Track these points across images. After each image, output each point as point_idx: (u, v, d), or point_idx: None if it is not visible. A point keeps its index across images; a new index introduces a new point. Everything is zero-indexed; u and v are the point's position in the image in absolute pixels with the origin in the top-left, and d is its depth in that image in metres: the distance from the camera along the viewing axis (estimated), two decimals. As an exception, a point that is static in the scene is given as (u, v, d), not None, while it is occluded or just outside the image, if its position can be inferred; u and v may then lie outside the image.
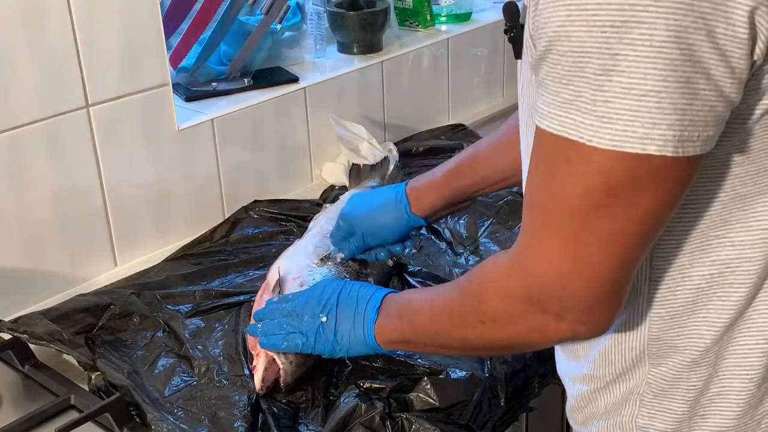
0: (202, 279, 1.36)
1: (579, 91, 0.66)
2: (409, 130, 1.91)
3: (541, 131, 0.70)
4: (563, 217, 0.72)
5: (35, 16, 1.24)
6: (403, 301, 1.00)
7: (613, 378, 0.88)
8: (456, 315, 0.89)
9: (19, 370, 1.15)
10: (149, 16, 1.37)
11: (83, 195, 1.37)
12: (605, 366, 0.88)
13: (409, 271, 1.37)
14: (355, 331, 1.01)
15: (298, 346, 1.05)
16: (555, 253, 0.74)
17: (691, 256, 0.79)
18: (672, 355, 0.83)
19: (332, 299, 1.04)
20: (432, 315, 0.93)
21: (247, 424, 1.04)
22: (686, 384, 0.84)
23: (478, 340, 0.87)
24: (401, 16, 1.98)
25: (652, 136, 0.65)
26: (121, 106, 1.37)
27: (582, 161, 0.68)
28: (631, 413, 0.88)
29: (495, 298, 0.83)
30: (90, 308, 1.25)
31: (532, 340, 0.82)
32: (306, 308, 1.05)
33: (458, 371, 1.12)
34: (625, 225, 0.70)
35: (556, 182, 0.71)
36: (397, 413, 1.04)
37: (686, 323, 0.82)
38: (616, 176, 0.67)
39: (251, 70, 1.67)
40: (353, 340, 1.02)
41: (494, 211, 1.52)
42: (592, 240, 0.71)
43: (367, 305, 1.01)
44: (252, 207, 1.56)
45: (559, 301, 0.76)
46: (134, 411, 1.07)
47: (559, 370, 1.00)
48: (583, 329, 0.78)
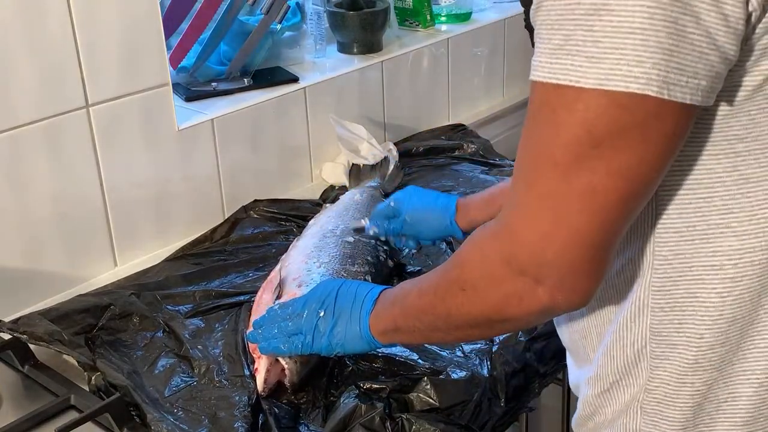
0: (202, 279, 1.36)
1: (569, 34, 0.66)
2: (409, 130, 1.91)
3: (533, 85, 0.70)
4: (546, 171, 0.70)
5: (35, 16, 1.24)
6: (398, 288, 1.01)
7: (617, 378, 0.86)
8: (441, 288, 0.88)
9: (19, 370, 1.15)
10: (149, 16, 1.37)
11: (83, 195, 1.37)
12: (610, 363, 0.86)
13: (408, 271, 1.37)
14: (351, 323, 1.01)
15: (298, 348, 1.05)
16: (536, 212, 0.73)
17: (693, 244, 0.77)
18: (671, 356, 0.82)
19: (331, 295, 1.04)
20: (420, 293, 0.92)
21: (247, 424, 1.04)
22: (690, 389, 0.82)
23: (458, 313, 0.86)
24: (401, 16, 1.98)
25: (635, 74, 0.64)
26: (121, 106, 1.37)
27: (567, 108, 0.67)
28: (634, 422, 0.86)
29: (476, 262, 0.82)
30: (90, 308, 1.25)
31: (509, 309, 0.80)
32: (305, 308, 1.05)
33: (458, 371, 1.12)
34: (606, 180, 0.68)
35: (543, 135, 0.70)
36: (397, 414, 1.04)
37: (685, 319, 0.80)
38: (600, 123, 0.66)
39: (251, 70, 1.67)
40: (349, 335, 1.01)
41: (494, 211, 1.52)
42: (574, 197, 0.70)
43: (365, 298, 1.02)
44: (252, 207, 1.56)
45: (537, 265, 0.75)
46: (134, 411, 1.07)
47: (570, 379, 0.99)
48: (560, 298, 0.76)
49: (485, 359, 1.15)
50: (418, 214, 1.30)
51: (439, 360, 1.15)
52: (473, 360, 1.15)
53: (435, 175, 1.71)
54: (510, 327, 0.89)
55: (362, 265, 1.29)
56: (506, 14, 2.12)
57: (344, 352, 1.05)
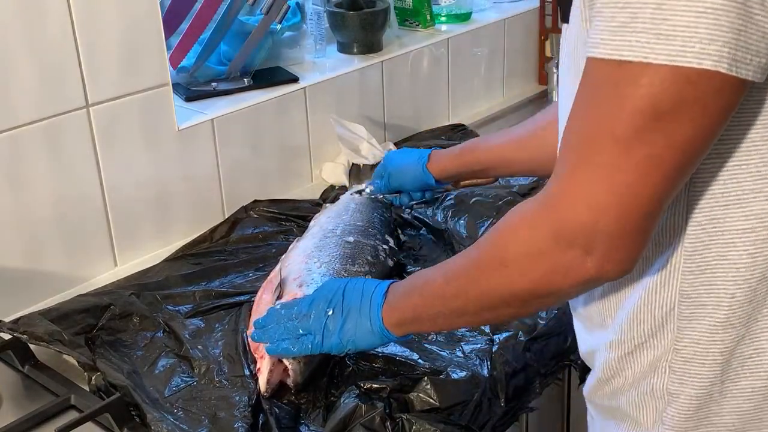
0: (202, 279, 1.36)
1: (636, 12, 0.68)
2: (409, 130, 1.91)
3: (591, 62, 0.73)
4: (604, 144, 0.73)
5: (35, 16, 1.24)
6: (412, 278, 1.01)
7: (642, 340, 0.87)
8: (474, 269, 0.89)
9: (19, 370, 1.15)
10: (149, 16, 1.37)
11: (83, 195, 1.37)
12: (635, 327, 0.87)
13: (408, 271, 1.37)
14: (361, 319, 1.01)
15: (308, 348, 1.04)
16: (593, 183, 0.75)
17: (726, 209, 0.80)
18: (701, 317, 0.83)
19: (338, 294, 1.04)
20: (446, 279, 0.92)
21: (247, 424, 1.04)
22: (719, 347, 0.84)
23: (496, 292, 0.86)
24: (401, 16, 1.98)
25: (708, 52, 0.67)
26: (121, 106, 1.37)
27: (632, 82, 0.70)
28: (661, 381, 0.87)
29: (520, 237, 0.82)
30: (90, 309, 1.25)
31: (554, 283, 0.81)
32: (312, 308, 1.05)
33: (458, 371, 1.12)
34: (664, 152, 0.72)
35: (603, 108, 0.73)
36: (398, 414, 1.04)
37: (716, 280, 0.82)
38: (665, 97, 0.69)
39: (251, 70, 1.67)
40: (360, 331, 1.01)
41: (494, 211, 1.52)
42: (631, 168, 0.72)
43: (373, 292, 1.02)
44: (252, 207, 1.56)
45: (588, 236, 0.76)
46: (134, 411, 1.07)
47: (581, 347, 1.00)
48: (609, 267, 0.78)
49: (485, 359, 1.15)
50: (398, 167, 1.44)
51: (439, 360, 1.15)
52: (473, 360, 1.15)
53: (435, 175, 1.71)
54: (551, 301, 0.88)
55: (362, 265, 1.29)
56: (506, 14, 2.12)
57: (356, 349, 1.04)
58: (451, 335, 1.21)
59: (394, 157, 1.47)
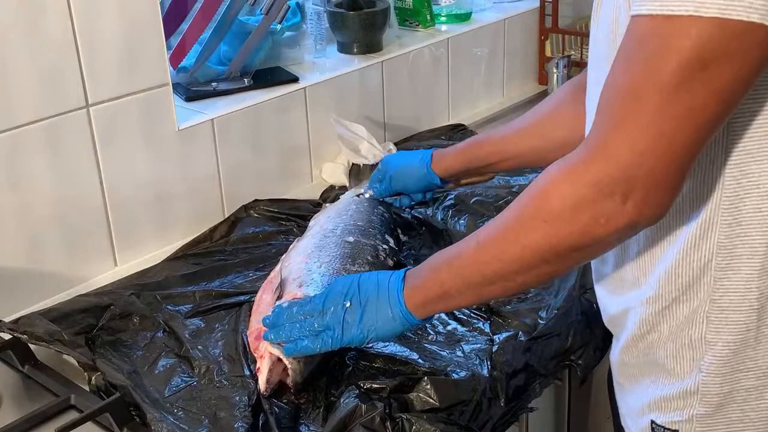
0: (202, 279, 1.36)
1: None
2: (409, 130, 1.91)
3: (636, 19, 0.77)
4: (651, 94, 0.77)
5: (35, 16, 1.24)
6: (433, 258, 1.00)
7: (679, 294, 0.91)
8: (512, 229, 0.89)
9: (19, 370, 1.15)
10: (149, 16, 1.37)
11: (83, 195, 1.37)
12: (672, 281, 0.91)
13: (409, 271, 1.37)
14: (380, 307, 1.00)
15: (328, 343, 1.03)
16: (638, 132, 0.78)
17: (762, 164, 0.84)
18: (737, 267, 0.87)
19: (353, 286, 1.04)
20: (480, 245, 0.93)
21: (247, 424, 1.04)
22: (756, 294, 0.88)
23: (536, 249, 0.87)
24: (401, 16, 1.98)
25: (755, 6, 0.72)
26: (121, 106, 1.37)
27: (680, 35, 0.74)
28: (699, 331, 0.91)
29: (563, 191, 0.84)
30: (90, 309, 1.25)
31: (596, 231, 0.83)
32: (328, 303, 1.04)
33: (458, 371, 1.12)
34: (706, 101, 0.76)
35: (649, 61, 0.76)
36: (398, 414, 1.04)
37: (751, 231, 0.86)
38: (711, 48, 0.73)
39: (251, 70, 1.67)
40: (381, 319, 1.01)
41: (494, 211, 1.52)
42: (675, 116, 0.77)
43: (390, 280, 1.01)
44: (252, 207, 1.56)
45: (629, 181, 0.79)
46: (134, 411, 1.07)
47: (607, 311, 1.03)
48: (646, 211, 0.81)
49: (485, 359, 1.15)
50: (399, 170, 1.42)
51: (439, 360, 1.15)
52: (473, 360, 1.15)
53: (435, 175, 1.71)
54: (590, 252, 0.90)
55: (362, 265, 1.29)
56: (506, 14, 2.12)
57: (377, 338, 1.03)
58: (451, 335, 1.21)
59: (394, 160, 1.46)
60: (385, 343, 1.19)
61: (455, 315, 1.25)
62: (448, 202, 1.56)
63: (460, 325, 1.24)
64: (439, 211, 1.54)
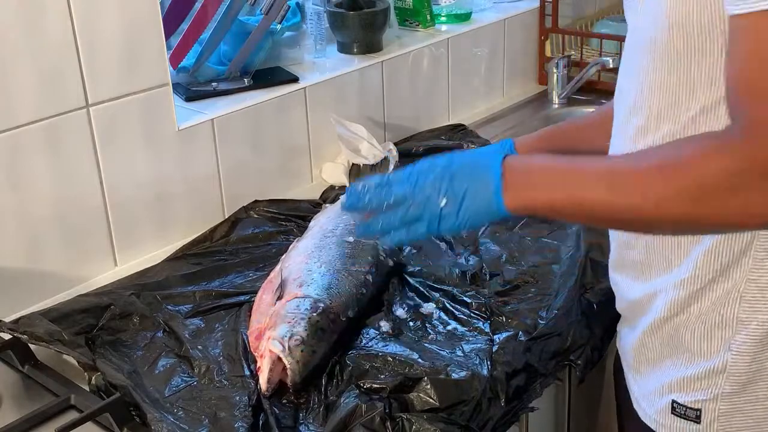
0: (202, 279, 1.36)
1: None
2: (409, 130, 1.91)
3: (756, 16, 0.76)
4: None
5: (35, 16, 1.24)
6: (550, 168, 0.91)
7: (716, 275, 0.92)
8: (653, 190, 0.82)
9: (19, 370, 1.15)
10: (149, 16, 1.37)
11: (83, 195, 1.37)
12: (710, 263, 0.92)
13: (408, 271, 1.37)
14: (478, 201, 0.91)
15: (422, 235, 0.94)
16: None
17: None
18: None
19: (446, 179, 0.92)
20: (613, 192, 0.84)
21: (247, 424, 1.04)
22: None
23: (676, 219, 0.82)
24: (401, 16, 1.98)
25: None
26: (121, 106, 1.37)
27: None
28: (732, 310, 0.92)
29: (718, 168, 0.79)
30: (90, 309, 1.25)
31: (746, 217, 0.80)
32: (418, 194, 0.93)
33: (458, 371, 1.12)
34: None
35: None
36: (398, 413, 1.04)
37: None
38: None
39: (251, 70, 1.67)
40: (477, 212, 0.91)
41: (494, 211, 1.52)
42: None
43: (489, 174, 0.91)
44: (252, 207, 1.56)
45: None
46: (134, 411, 1.07)
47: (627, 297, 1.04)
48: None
49: (485, 359, 1.15)
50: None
51: (439, 360, 1.15)
52: (473, 360, 1.15)
53: (435, 175, 1.71)
54: (729, 231, 0.88)
55: (362, 265, 1.30)
56: (506, 14, 2.12)
57: (471, 228, 0.95)
58: (451, 335, 1.21)
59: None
60: (386, 343, 1.19)
61: (455, 315, 1.25)
62: (448, 202, 1.56)
63: (460, 324, 1.24)
64: (439, 211, 1.54)
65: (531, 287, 1.32)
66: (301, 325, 1.13)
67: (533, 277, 1.35)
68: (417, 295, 1.31)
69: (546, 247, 1.43)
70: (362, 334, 1.21)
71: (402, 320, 1.25)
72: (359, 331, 1.22)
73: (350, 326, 1.21)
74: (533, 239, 1.45)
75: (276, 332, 1.13)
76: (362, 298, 1.25)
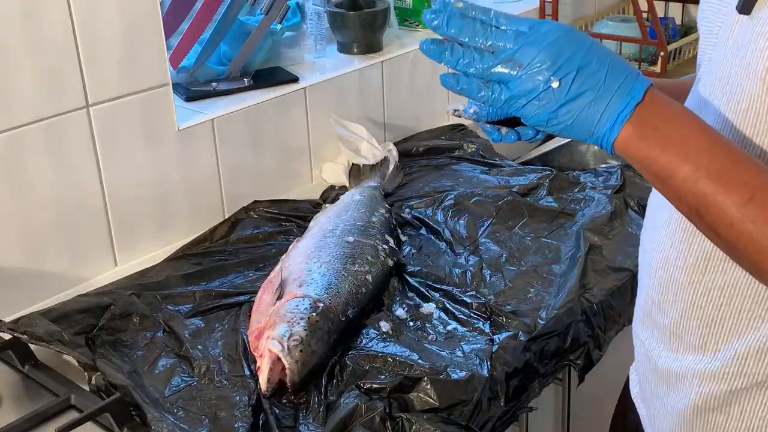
0: (202, 279, 1.36)
1: None
2: (409, 130, 1.91)
3: None
4: None
5: (35, 16, 1.24)
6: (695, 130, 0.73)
7: (764, 378, 0.79)
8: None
9: (19, 370, 1.15)
10: (149, 16, 1.37)
11: (83, 195, 1.37)
12: (761, 361, 0.78)
13: (408, 271, 1.37)
14: (589, 114, 0.73)
15: (498, 102, 0.76)
16: None
17: None
18: None
19: (572, 62, 0.73)
20: (747, 206, 0.69)
21: (247, 424, 1.04)
22: None
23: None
24: (401, 16, 1.98)
25: None
26: (121, 106, 1.37)
27: None
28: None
29: None
30: (90, 308, 1.25)
31: None
32: (524, 54, 0.73)
33: (458, 371, 1.12)
34: None
35: None
36: (398, 413, 1.04)
37: None
38: None
39: (251, 70, 1.67)
40: (580, 125, 0.74)
41: (494, 211, 1.52)
42: None
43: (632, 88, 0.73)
44: (252, 207, 1.56)
45: None
46: (134, 411, 1.07)
47: (660, 362, 0.89)
48: None
49: (485, 359, 1.15)
50: None
51: (439, 360, 1.15)
52: (473, 360, 1.15)
53: (435, 175, 1.72)
54: None
55: (362, 265, 1.30)
56: (506, 14, 2.11)
57: (560, 134, 0.76)
58: (451, 335, 1.21)
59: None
60: (385, 343, 1.19)
61: (455, 315, 1.25)
62: (448, 202, 1.56)
63: (460, 325, 1.24)
64: (439, 211, 1.54)
65: (531, 287, 1.32)
66: (301, 325, 1.14)
67: (533, 277, 1.35)
68: (417, 295, 1.31)
69: (546, 247, 1.43)
70: (362, 334, 1.21)
71: (402, 320, 1.25)
72: (359, 331, 1.22)
73: (350, 326, 1.21)
74: (533, 239, 1.45)
75: (275, 332, 1.13)
76: (362, 298, 1.25)
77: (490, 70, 0.75)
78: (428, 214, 1.54)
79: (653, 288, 0.88)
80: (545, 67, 0.73)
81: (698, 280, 0.82)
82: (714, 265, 0.81)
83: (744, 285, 0.79)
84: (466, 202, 1.55)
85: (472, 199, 1.56)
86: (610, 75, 0.73)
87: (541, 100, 0.73)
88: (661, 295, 0.87)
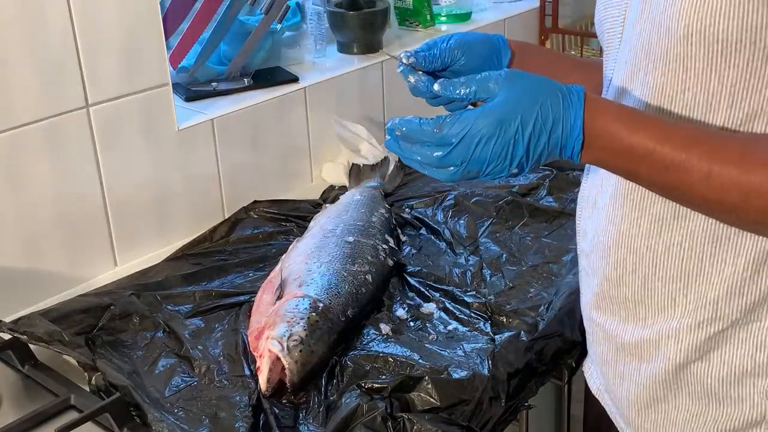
0: (202, 279, 1.36)
1: None
2: (409, 130, 1.90)
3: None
4: None
5: (35, 16, 1.24)
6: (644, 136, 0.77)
7: (740, 315, 0.82)
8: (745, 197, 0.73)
9: (19, 370, 1.15)
10: (149, 16, 1.37)
11: (83, 195, 1.36)
12: (732, 302, 0.82)
13: (409, 271, 1.37)
14: (553, 150, 0.80)
15: (456, 177, 0.84)
16: None
17: None
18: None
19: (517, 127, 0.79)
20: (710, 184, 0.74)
21: (247, 424, 1.04)
22: None
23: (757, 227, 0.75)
24: (401, 16, 1.98)
25: None
26: (121, 106, 1.37)
27: None
28: (764, 355, 0.82)
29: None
30: (90, 309, 1.25)
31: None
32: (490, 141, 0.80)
33: (459, 371, 1.12)
34: None
35: None
36: (399, 413, 1.04)
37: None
38: None
39: (251, 70, 1.67)
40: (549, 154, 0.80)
41: (494, 211, 1.52)
42: None
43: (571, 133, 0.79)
44: (252, 207, 1.56)
45: None
46: (134, 411, 1.07)
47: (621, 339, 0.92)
48: None
49: (486, 359, 1.15)
50: (464, 39, 1.03)
51: (439, 359, 1.15)
52: (474, 359, 1.15)
53: (435, 175, 1.71)
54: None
55: (362, 265, 1.30)
56: (506, 14, 2.12)
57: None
58: (452, 335, 1.21)
59: (459, 34, 1.05)
60: (386, 343, 1.19)
61: (456, 315, 1.25)
62: (448, 202, 1.56)
63: (460, 325, 1.24)
64: (439, 211, 1.54)
65: (531, 287, 1.32)
66: (300, 325, 1.13)
67: (533, 277, 1.35)
68: (417, 295, 1.31)
69: (546, 247, 1.43)
70: (362, 334, 1.21)
71: (402, 320, 1.25)
72: (360, 331, 1.22)
73: (350, 326, 1.21)
74: (533, 239, 1.45)
75: (275, 332, 1.13)
76: (362, 298, 1.25)
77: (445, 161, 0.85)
78: (428, 214, 1.54)
79: (609, 266, 0.91)
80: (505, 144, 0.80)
81: (656, 242, 0.85)
82: (669, 224, 0.84)
83: (701, 233, 0.82)
84: (466, 202, 1.55)
85: (472, 199, 1.56)
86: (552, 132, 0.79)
87: (514, 157, 0.80)
88: (619, 270, 0.90)
